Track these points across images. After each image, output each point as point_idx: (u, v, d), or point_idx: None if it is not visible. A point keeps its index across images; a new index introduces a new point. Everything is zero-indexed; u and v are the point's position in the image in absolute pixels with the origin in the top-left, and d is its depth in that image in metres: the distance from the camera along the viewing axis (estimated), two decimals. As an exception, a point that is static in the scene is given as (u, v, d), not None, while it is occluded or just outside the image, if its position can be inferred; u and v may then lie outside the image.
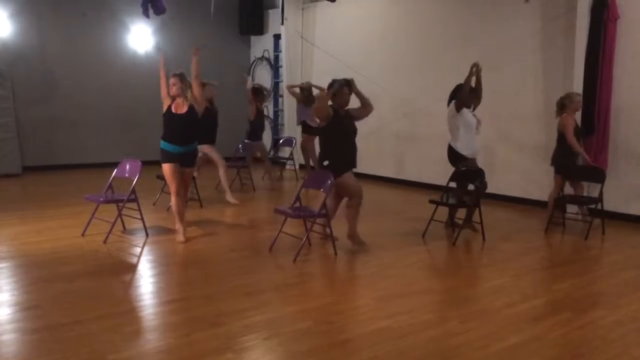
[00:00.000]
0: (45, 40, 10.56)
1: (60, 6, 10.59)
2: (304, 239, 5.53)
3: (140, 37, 11.53)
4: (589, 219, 6.72)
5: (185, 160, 5.97)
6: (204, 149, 7.70)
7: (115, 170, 6.27)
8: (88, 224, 6.05)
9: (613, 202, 7.09)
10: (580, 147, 6.73)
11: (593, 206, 6.74)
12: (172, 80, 5.90)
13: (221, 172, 8.04)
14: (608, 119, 7.39)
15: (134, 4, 9.56)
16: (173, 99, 5.93)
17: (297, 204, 5.73)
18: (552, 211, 6.75)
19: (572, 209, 7.52)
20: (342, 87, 5.65)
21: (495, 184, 6.24)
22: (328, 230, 5.64)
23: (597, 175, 6.76)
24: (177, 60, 11.70)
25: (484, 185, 6.17)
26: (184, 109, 5.88)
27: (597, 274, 5.31)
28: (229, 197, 7.97)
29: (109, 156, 9.97)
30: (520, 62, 8.29)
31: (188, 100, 5.90)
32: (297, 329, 3.80)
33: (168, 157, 5.91)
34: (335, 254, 5.51)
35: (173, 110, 5.89)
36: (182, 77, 5.92)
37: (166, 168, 5.92)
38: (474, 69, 6.26)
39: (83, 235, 5.99)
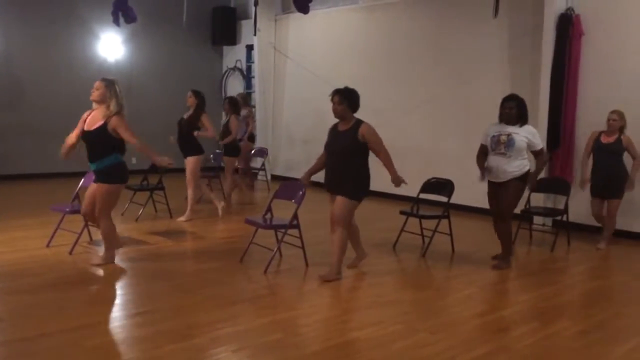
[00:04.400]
0: (11, 47, 10.34)
1: (27, 13, 10.39)
2: (275, 250, 5.51)
3: (110, 46, 11.39)
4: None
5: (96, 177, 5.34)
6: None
7: (83, 179, 6.16)
8: (53, 234, 5.92)
9: (578, 214, 7.22)
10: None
11: (559, 218, 6.88)
12: (95, 84, 5.06)
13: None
14: (573, 132, 7.59)
15: (104, 11, 9.46)
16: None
17: (268, 215, 5.71)
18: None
19: (538, 220, 7.68)
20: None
21: (464, 195, 6.36)
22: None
23: (563, 187, 6.91)
24: (147, 70, 11.84)
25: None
26: (96, 124, 5.14)
27: (563, 285, 5.42)
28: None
29: (76, 166, 9.72)
30: (488, 75, 8.45)
31: (110, 111, 5.04)
32: (267, 341, 3.78)
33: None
34: (307, 265, 5.50)
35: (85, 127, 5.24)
36: (108, 84, 5.04)
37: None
38: None
39: (48, 246, 5.86)
